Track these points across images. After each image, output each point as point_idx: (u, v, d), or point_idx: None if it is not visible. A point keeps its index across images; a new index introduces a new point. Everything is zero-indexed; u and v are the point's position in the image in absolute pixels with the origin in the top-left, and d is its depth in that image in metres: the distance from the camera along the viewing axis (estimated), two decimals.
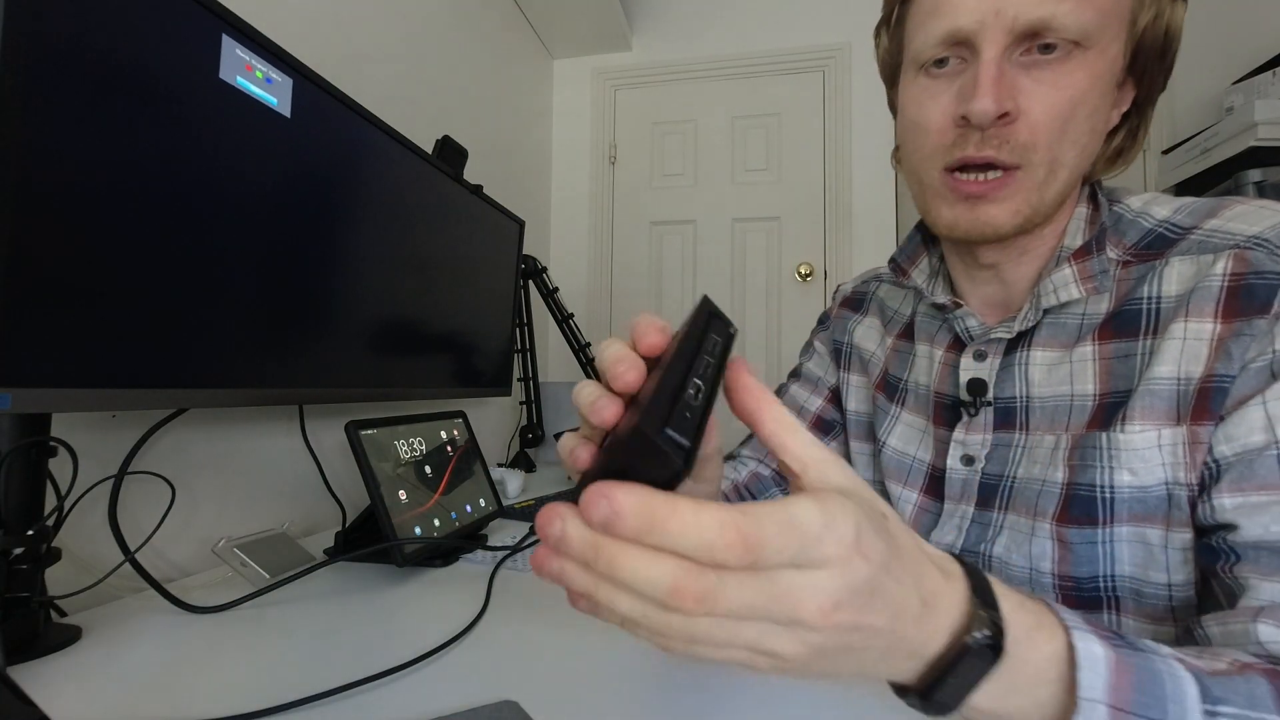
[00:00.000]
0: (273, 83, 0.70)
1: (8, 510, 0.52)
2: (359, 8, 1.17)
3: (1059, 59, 0.44)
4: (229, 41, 0.64)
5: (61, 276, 0.50)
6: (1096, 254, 0.49)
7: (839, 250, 2.04)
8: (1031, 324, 0.52)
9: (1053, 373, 0.51)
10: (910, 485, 0.61)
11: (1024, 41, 0.45)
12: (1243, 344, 0.42)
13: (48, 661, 0.50)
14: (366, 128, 0.87)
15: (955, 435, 0.56)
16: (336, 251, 0.84)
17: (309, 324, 0.80)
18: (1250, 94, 1.65)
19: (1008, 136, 0.46)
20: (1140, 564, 0.46)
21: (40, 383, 0.49)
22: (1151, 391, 0.45)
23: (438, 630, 0.55)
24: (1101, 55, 0.45)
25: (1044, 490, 0.50)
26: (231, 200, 0.66)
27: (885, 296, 0.70)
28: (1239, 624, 0.38)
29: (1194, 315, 0.44)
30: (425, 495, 0.80)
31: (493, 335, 1.35)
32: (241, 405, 0.70)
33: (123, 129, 0.54)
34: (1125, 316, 0.48)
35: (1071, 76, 0.44)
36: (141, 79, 0.55)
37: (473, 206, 1.21)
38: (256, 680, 0.47)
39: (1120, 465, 0.46)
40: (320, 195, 0.79)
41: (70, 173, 0.50)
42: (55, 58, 0.49)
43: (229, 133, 0.65)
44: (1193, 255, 0.46)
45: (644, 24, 2.23)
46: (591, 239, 2.24)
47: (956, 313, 0.56)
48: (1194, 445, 0.43)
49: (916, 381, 0.62)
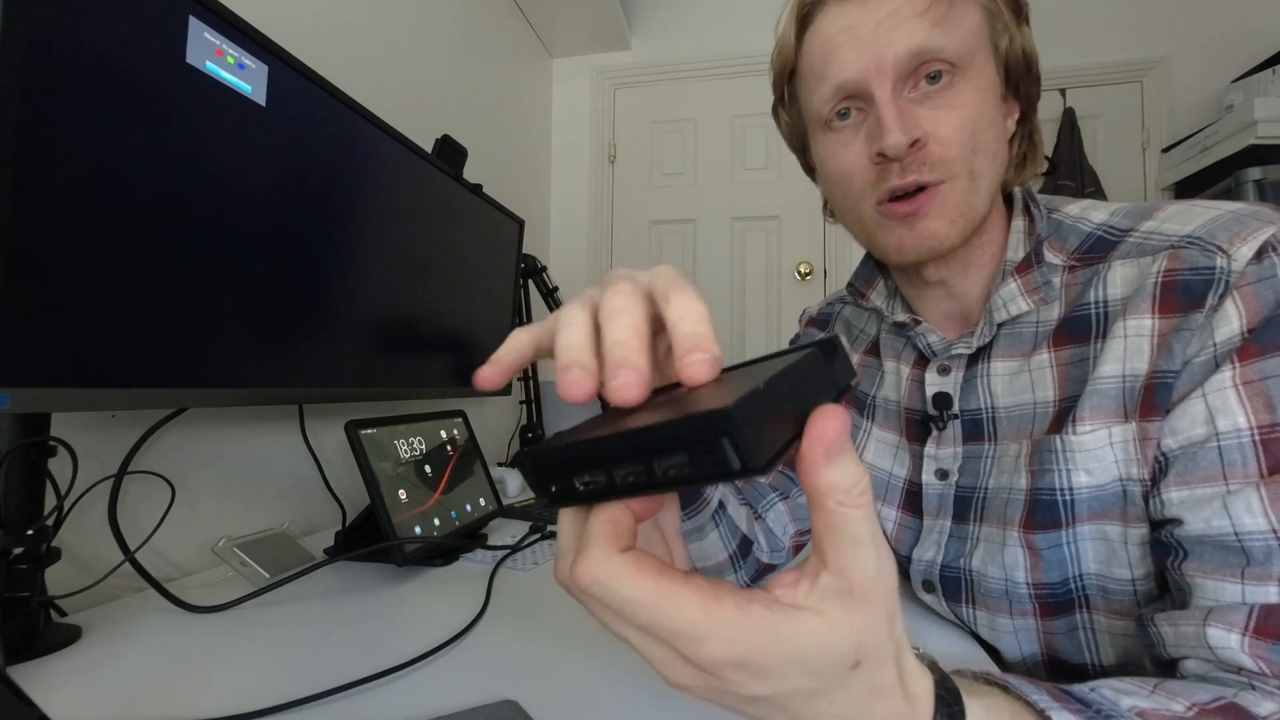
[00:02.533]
0: (246, 69, 0.66)
1: (8, 510, 0.52)
2: (358, 7, 1.17)
3: (945, 85, 0.48)
4: (196, 23, 0.60)
5: (61, 276, 0.50)
6: (1037, 266, 0.51)
7: (838, 249, 2.04)
8: (988, 339, 0.53)
9: (1014, 382, 0.52)
10: (889, 502, 0.62)
11: (909, 78, 0.48)
12: (1183, 339, 0.42)
13: (48, 661, 0.50)
14: (355, 118, 0.87)
15: (927, 450, 0.57)
16: (335, 250, 0.84)
17: (309, 323, 0.79)
18: (1250, 92, 1.65)
19: (924, 159, 0.49)
20: (1104, 560, 0.47)
21: (40, 383, 0.49)
22: (1098, 391, 0.46)
23: (438, 630, 0.55)
24: (981, 74, 0.49)
25: (1010, 499, 0.51)
26: (223, 196, 0.65)
27: (850, 316, 0.72)
28: (1190, 626, 0.39)
29: (1132, 313, 0.45)
30: (425, 495, 0.80)
31: (492, 335, 1.35)
32: (241, 405, 0.70)
33: (87, 120, 0.51)
34: (1075, 322, 0.49)
35: (962, 96, 0.48)
36: (104, 65, 0.52)
37: (472, 206, 1.21)
38: (256, 680, 0.47)
39: (1076, 466, 0.46)
40: (314, 192, 0.79)
41: (50, 170, 0.50)
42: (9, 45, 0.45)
43: (201, 122, 0.61)
44: (1133, 258, 0.47)
45: (644, 23, 2.23)
46: (591, 238, 2.24)
47: (917, 329, 0.58)
48: (1144, 441, 0.44)
49: (886, 397, 0.63)
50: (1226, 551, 0.39)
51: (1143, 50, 1.92)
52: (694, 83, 2.20)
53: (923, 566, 0.58)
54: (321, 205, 0.80)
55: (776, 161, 2.13)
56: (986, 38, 0.49)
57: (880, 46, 0.48)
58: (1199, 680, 0.38)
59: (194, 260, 0.62)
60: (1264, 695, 0.35)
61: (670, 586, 0.20)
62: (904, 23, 0.48)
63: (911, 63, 0.48)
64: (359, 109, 0.86)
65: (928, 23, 0.47)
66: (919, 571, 0.58)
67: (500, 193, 1.49)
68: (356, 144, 0.86)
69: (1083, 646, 0.50)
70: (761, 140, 2.14)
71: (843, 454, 0.20)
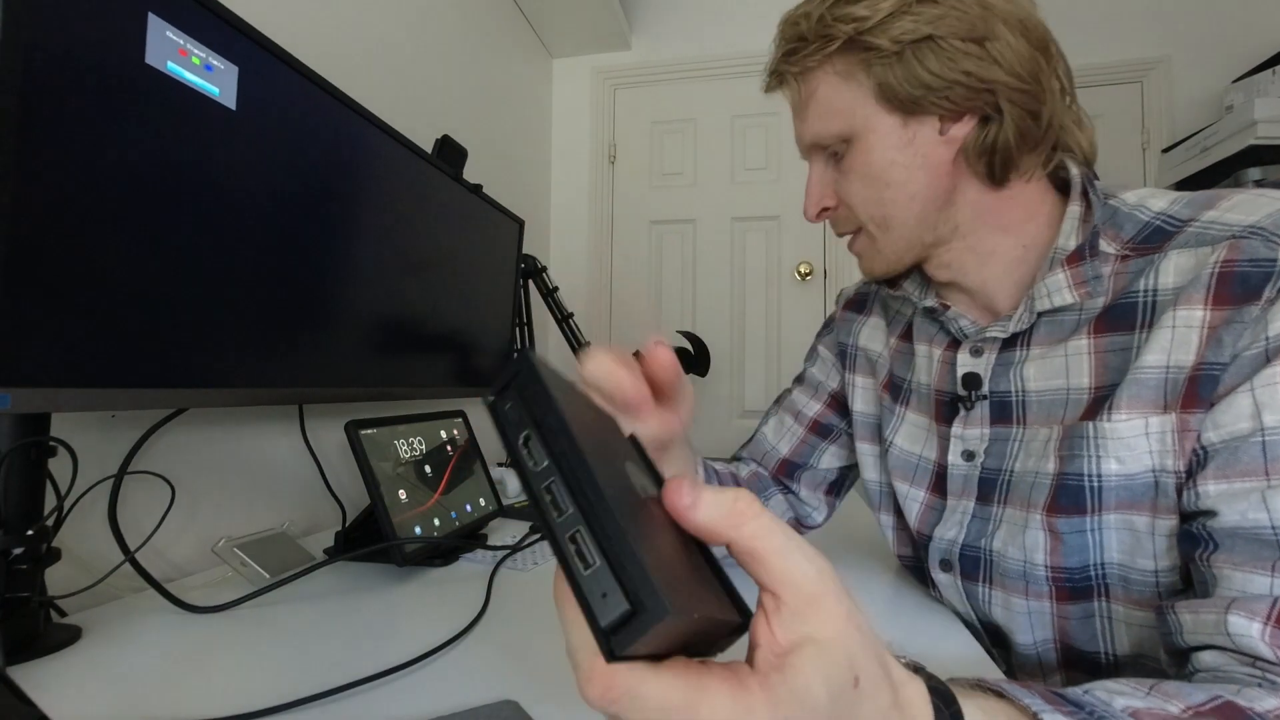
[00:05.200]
0: (214, 70, 0.62)
1: (8, 510, 0.52)
2: (359, 8, 1.17)
3: (844, 155, 0.55)
4: (157, 21, 0.56)
5: (62, 276, 0.50)
6: (1090, 258, 0.50)
7: (839, 249, 2.04)
8: (1027, 325, 0.53)
9: (1047, 367, 0.52)
10: (917, 484, 0.61)
11: (820, 151, 0.57)
12: (1234, 332, 0.41)
13: (48, 661, 0.50)
14: (354, 118, 0.87)
15: (954, 430, 0.57)
16: (335, 251, 0.84)
17: (309, 324, 0.79)
18: (1250, 92, 1.65)
19: (835, 219, 0.61)
20: (1128, 551, 0.47)
21: (40, 383, 0.49)
22: (1139, 380, 0.45)
23: (438, 630, 0.55)
24: (871, 134, 0.53)
25: (1036, 482, 0.50)
26: (210, 198, 0.64)
27: (887, 297, 0.71)
28: (1211, 614, 0.39)
29: (1183, 304, 0.44)
30: (425, 495, 0.80)
31: (492, 335, 1.35)
32: (241, 405, 0.70)
33: (49, 122, 0.49)
34: (1120, 310, 0.48)
35: (857, 161, 0.54)
36: (60, 65, 0.49)
37: (472, 206, 1.21)
38: (256, 680, 0.47)
39: (1107, 454, 0.46)
40: (312, 193, 0.79)
41: (47, 171, 0.50)
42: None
43: (164, 125, 0.58)
44: (1191, 248, 0.45)
45: (644, 23, 2.23)
46: (591, 238, 2.24)
47: (948, 314, 0.58)
48: (1183, 433, 0.43)
49: (919, 381, 0.63)
50: (1260, 545, 0.39)
51: (1143, 50, 1.92)
52: (694, 83, 2.20)
53: (944, 545, 0.57)
54: (320, 206, 0.80)
55: (776, 161, 2.13)
56: (867, 94, 0.52)
57: (796, 137, 0.60)
58: (1209, 674, 0.38)
59: (194, 261, 0.62)
60: (1269, 690, 0.35)
61: (699, 681, 0.20)
62: (796, 121, 0.59)
63: (813, 148, 0.58)
64: (359, 109, 0.86)
65: (802, 120, 0.57)
66: (939, 550, 0.58)
67: (500, 193, 1.49)
68: (353, 144, 0.86)
69: (1097, 634, 0.50)
70: (761, 140, 2.14)
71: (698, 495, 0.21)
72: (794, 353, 2.08)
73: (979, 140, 0.51)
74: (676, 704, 0.19)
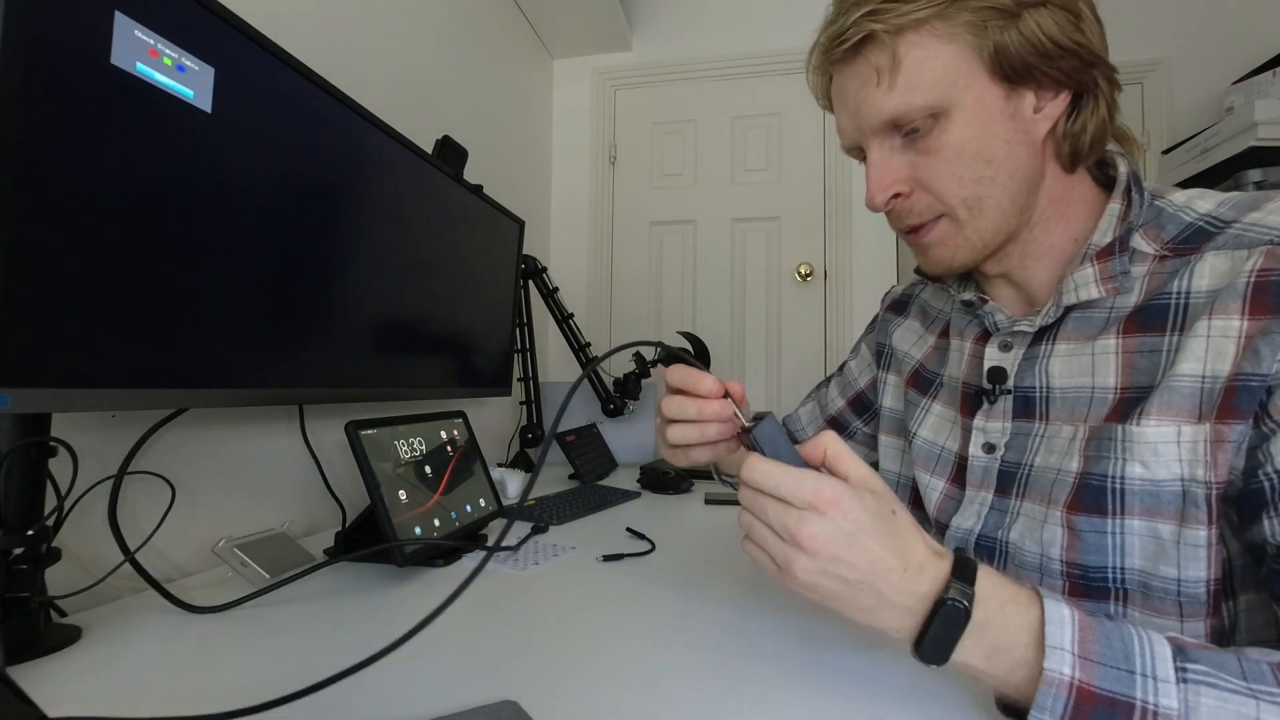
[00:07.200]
0: (186, 71, 0.59)
1: (8, 510, 0.52)
2: (359, 8, 1.17)
3: (924, 133, 0.49)
4: (124, 20, 0.53)
5: (61, 276, 0.50)
6: (1119, 254, 0.50)
7: (839, 250, 2.04)
8: (1054, 319, 0.53)
9: (1072, 364, 0.52)
10: (938, 474, 0.62)
11: (892, 132, 0.51)
12: (1272, 343, 0.41)
13: (48, 661, 0.50)
14: (353, 118, 0.87)
15: (976, 422, 0.57)
16: (335, 251, 0.84)
17: (309, 324, 0.80)
18: (1250, 94, 1.65)
19: (912, 207, 0.52)
20: (1150, 557, 0.46)
21: (40, 383, 0.49)
22: (1173, 388, 0.45)
23: (438, 630, 0.55)
24: (960, 108, 0.48)
25: (1058, 479, 0.50)
26: (197, 200, 0.64)
27: (929, 298, 0.72)
28: None
29: (1219, 312, 0.43)
30: (425, 495, 0.80)
31: (492, 335, 1.35)
32: (241, 405, 0.70)
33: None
34: (1152, 311, 0.48)
35: (941, 139, 0.49)
36: (33, 66, 0.47)
37: (473, 206, 1.21)
38: (256, 680, 0.47)
39: (1133, 457, 0.46)
40: (310, 194, 0.79)
41: (43, 172, 0.50)
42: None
43: (131, 128, 0.55)
44: (1228, 250, 0.45)
45: (644, 24, 2.23)
46: (591, 239, 2.24)
47: (985, 308, 0.58)
48: (1217, 444, 0.42)
49: (950, 375, 0.63)
50: None
51: (1143, 52, 1.92)
52: (694, 84, 2.20)
53: (960, 534, 0.58)
54: (320, 207, 0.80)
55: (777, 163, 2.13)
56: (973, 59, 0.47)
57: (860, 117, 0.51)
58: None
59: (194, 262, 0.62)
60: None
61: (796, 471, 0.40)
62: (870, 94, 0.50)
63: (887, 127, 0.50)
64: (358, 109, 0.86)
65: (884, 92, 0.49)
66: (954, 539, 0.58)
67: (500, 193, 1.49)
68: (352, 144, 0.86)
69: None
70: (762, 141, 2.14)
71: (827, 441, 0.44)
72: (794, 353, 2.08)
73: (1069, 119, 0.49)
74: (781, 477, 0.40)
